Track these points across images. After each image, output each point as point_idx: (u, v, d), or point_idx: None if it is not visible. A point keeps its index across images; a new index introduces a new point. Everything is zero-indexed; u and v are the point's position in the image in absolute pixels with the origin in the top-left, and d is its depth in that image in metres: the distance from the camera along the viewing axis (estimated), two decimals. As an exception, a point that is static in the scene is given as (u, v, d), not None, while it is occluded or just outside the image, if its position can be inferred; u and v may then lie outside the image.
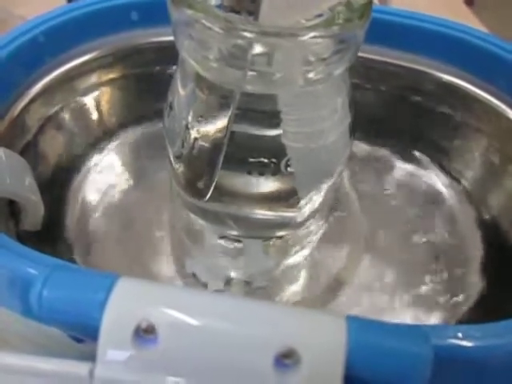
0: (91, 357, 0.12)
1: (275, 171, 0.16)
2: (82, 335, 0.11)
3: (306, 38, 0.13)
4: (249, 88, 0.14)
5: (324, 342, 0.10)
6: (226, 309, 0.10)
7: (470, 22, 0.41)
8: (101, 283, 0.11)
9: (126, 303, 0.10)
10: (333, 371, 0.09)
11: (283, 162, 0.15)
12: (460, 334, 0.12)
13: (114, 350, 0.10)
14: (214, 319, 0.10)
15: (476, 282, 0.20)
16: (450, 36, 0.21)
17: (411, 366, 0.10)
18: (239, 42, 0.13)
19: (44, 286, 0.11)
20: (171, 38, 0.22)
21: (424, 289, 0.20)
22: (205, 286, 0.20)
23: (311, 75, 0.14)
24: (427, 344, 0.10)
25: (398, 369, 0.10)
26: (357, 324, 0.10)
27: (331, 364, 0.10)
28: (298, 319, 0.10)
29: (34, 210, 0.17)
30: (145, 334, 0.10)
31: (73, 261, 0.20)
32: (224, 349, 0.10)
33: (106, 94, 0.23)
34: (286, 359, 0.10)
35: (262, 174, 0.16)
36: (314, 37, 0.13)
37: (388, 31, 0.21)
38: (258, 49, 0.14)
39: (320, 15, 0.14)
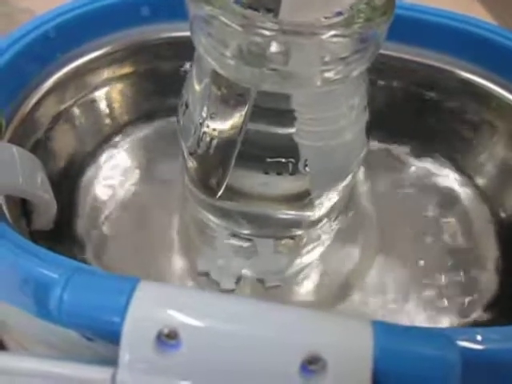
0: (103, 356, 0.12)
1: (293, 171, 0.15)
2: (103, 339, 0.11)
3: (325, 36, 0.13)
4: (265, 87, 0.14)
5: (350, 347, 0.10)
6: (251, 313, 0.10)
7: (474, 9, 0.41)
8: (121, 287, 0.10)
9: (147, 308, 0.10)
10: (360, 377, 0.09)
11: (302, 162, 0.15)
12: (479, 337, 0.12)
13: (136, 355, 0.10)
14: (238, 324, 0.10)
15: (491, 283, 0.20)
16: (465, 31, 0.21)
17: (441, 370, 0.10)
18: (257, 39, 0.13)
19: (64, 290, 0.10)
20: (183, 34, 0.22)
21: (438, 289, 0.20)
22: (217, 284, 0.20)
23: (329, 75, 0.14)
24: (454, 348, 0.10)
25: (427, 373, 0.09)
26: (383, 328, 0.10)
27: (358, 370, 0.09)
28: (323, 324, 0.10)
29: (47, 208, 0.17)
30: (167, 339, 0.10)
31: (84, 259, 0.19)
32: (249, 355, 0.10)
33: (117, 89, 0.22)
34: (312, 365, 0.10)
35: (279, 173, 0.15)
36: (334, 35, 0.13)
37: (401, 26, 0.21)
38: (275, 47, 0.13)
39: (340, 13, 0.14)
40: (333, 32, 0.13)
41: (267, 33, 0.13)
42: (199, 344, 0.10)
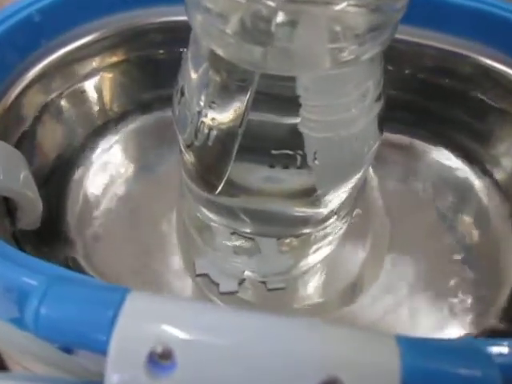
0: (89, 369, 0.10)
1: (301, 164, 0.14)
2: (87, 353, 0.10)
3: (339, 7, 0.12)
4: (269, 67, 0.13)
5: (374, 370, 0.08)
6: (256, 329, 0.09)
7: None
8: (108, 299, 0.09)
9: (138, 323, 0.09)
10: (386, 405, 0.08)
11: (311, 154, 0.14)
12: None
13: (124, 379, 0.09)
14: (241, 342, 0.09)
15: (508, 283, 0.19)
16: (485, 13, 0.19)
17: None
18: (262, 10, 0.12)
19: (41, 302, 0.09)
20: (178, 18, 0.21)
21: (451, 289, 0.19)
22: (217, 286, 0.19)
23: (341, 55, 0.13)
24: (494, 366, 0.09)
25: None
26: (411, 345, 0.09)
27: (384, 396, 0.08)
28: (342, 342, 0.08)
29: (31, 207, 0.16)
30: (160, 359, 0.09)
31: (74, 260, 0.18)
32: (254, 379, 0.08)
33: (107, 79, 0.21)
34: (330, 391, 0.08)
35: (286, 167, 0.14)
36: (348, 5, 0.12)
37: (414, 8, 0.19)
38: (281, 20, 0.12)
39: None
40: (346, 2, 0.11)
41: (272, 3, 0.11)
42: (197, 365, 0.09)
